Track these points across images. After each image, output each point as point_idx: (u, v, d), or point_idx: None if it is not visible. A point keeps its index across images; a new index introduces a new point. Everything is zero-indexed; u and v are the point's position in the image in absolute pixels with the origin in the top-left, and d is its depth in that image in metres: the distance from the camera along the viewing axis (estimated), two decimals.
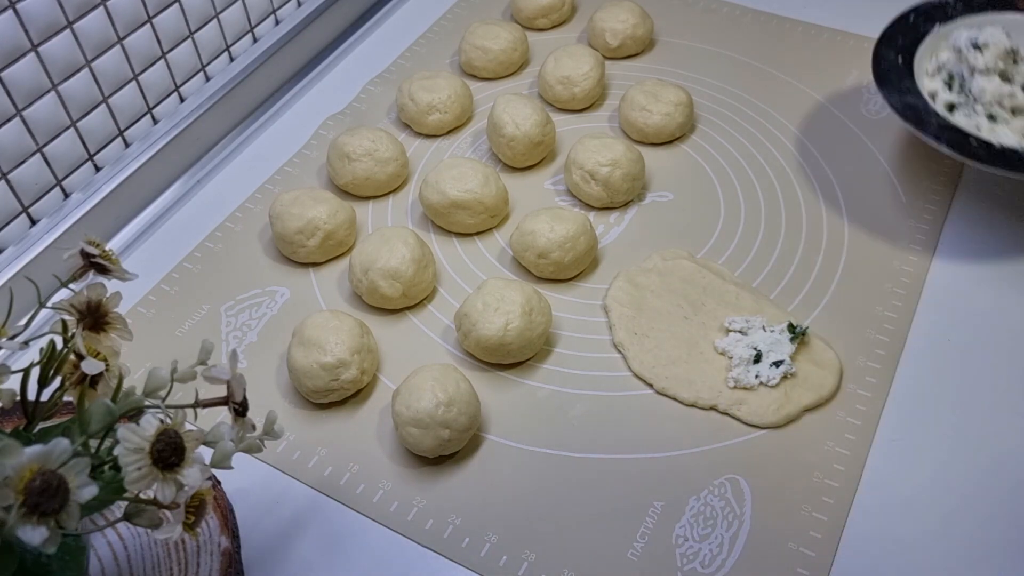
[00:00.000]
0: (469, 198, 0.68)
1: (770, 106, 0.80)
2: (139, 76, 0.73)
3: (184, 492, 0.35)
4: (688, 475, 0.55)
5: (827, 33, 0.88)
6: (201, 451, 0.36)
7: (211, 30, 0.79)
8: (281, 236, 0.67)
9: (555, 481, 0.55)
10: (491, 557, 0.52)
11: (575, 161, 0.71)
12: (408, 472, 0.56)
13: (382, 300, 0.64)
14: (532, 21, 0.90)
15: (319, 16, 0.87)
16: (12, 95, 0.63)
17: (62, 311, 0.38)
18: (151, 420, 0.34)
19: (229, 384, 0.40)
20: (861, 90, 0.81)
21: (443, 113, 0.78)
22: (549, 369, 0.61)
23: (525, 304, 0.59)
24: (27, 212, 0.68)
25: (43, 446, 0.30)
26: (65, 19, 0.65)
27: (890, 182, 0.72)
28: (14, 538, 0.30)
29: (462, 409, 0.54)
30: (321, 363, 0.57)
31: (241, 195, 0.75)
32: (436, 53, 0.89)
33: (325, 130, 0.80)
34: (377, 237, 0.64)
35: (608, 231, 0.70)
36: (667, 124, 0.75)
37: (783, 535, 0.51)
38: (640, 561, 0.51)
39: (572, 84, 0.79)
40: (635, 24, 0.85)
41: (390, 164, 0.73)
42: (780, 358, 0.59)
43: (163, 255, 0.70)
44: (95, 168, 0.73)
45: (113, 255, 0.41)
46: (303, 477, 0.56)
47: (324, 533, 0.53)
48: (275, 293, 0.67)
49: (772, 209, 0.71)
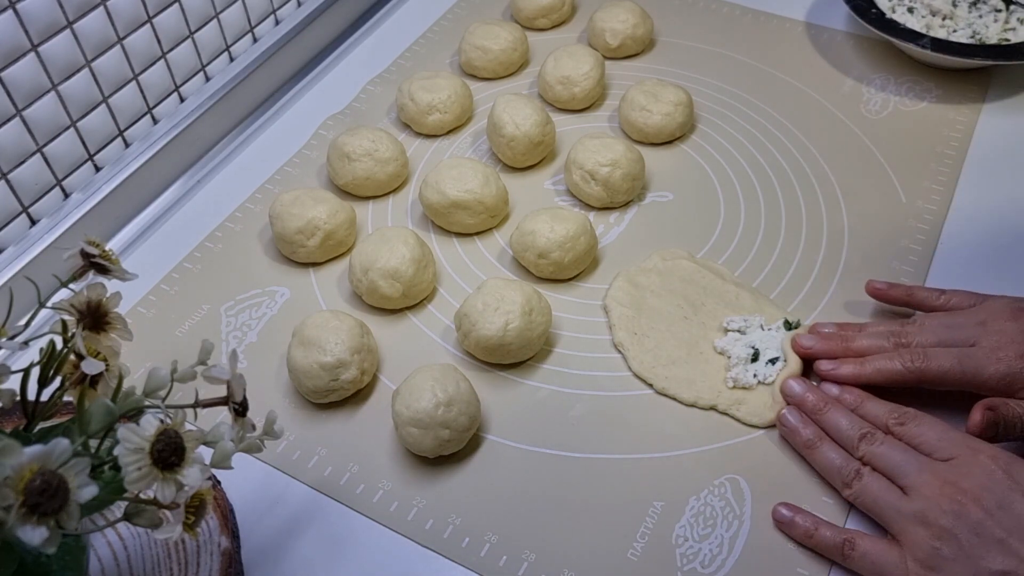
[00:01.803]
0: (469, 198, 0.68)
1: (770, 106, 0.80)
2: (139, 76, 0.73)
3: (184, 492, 0.35)
4: (688, 475, 0.55)
5: (827, 33, 0.88)
6: (201, 451, 0.36)
7: (211, 30, 0.79)
8: (281, 236, 0.67)
9: (555, 481, 0.55)
10: (491, 557, 0.52)
11: (575, 161, 0.71)
12: (408, 472, 0.56)
13: (382, 300, 0.64)
14: (532, 21, 0.90)
15: (319, 16, 0.87)
16: (12, 95, 0.63)
17: (62, 311, 0.38)
18: (151, 420, 0.34)
19: (229, 384, 0.40)
20: (861, 90, 0.81)
21: (443, 113, 0.78)
22: (549, 369, 0.61)
23: (525, 304, 0.59)
24: (27, 212, 0.68)
25: (43, 446, 0.30)
26: (65, 19, 0.65)
27: (890, 182, 0.72)
28: (14, 538, 0.30)
29: (462, 409, 0.54)
30: (321, 363, 0.57)
31: (241, 195, 0.75)
32: (436, 53, 0.89)
33: (325, 130, 0.80)
34: (377, 237, 0.64)
35: (608, 231, 0.70)
36: (667, 124, 0.75)
37: (783, 535, 0.51)
38: (640, 561, 0.51)
39: (572, 84, 0.79)
40: (635, 24, 0.85)
41: (390, 164, 0.73)
42: (776, 355, 0.59)
43: (163, 255, 0.70)
44: (95, 168, 0.73)
45: (113, 255, 0.41)
46: (303, 477, 0.56)
47: (324, 533, 0.53)
48: (275, 293, 0.67)
49: (772, 209, 0.71)
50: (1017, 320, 0.54)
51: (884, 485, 0.49)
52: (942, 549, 0.45)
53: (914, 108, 0.79)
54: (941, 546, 0.45)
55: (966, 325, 0.55)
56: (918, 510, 0.47)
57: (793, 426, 0.54)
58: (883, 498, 0.49)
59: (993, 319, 0.55)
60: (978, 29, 0.80)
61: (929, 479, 0.47)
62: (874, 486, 0.50)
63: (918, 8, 0.82)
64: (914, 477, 0.48)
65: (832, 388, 0.56)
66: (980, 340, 0.54)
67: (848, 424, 0.53)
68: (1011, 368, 0.52)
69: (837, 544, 0.49)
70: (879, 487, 0.49)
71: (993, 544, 0.44)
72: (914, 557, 0.46)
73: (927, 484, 0.47)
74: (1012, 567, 0.43)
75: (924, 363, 0.54)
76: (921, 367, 0.54)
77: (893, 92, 0.80)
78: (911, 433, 0.51)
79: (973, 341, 0.54)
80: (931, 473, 0.48)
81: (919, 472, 0.48)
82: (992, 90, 0.79)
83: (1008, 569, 0.43)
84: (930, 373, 0.54)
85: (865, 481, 0.50)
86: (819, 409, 0.54)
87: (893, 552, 0.47)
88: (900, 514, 0.48)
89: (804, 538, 0.50)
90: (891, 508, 0.48)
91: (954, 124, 0.77)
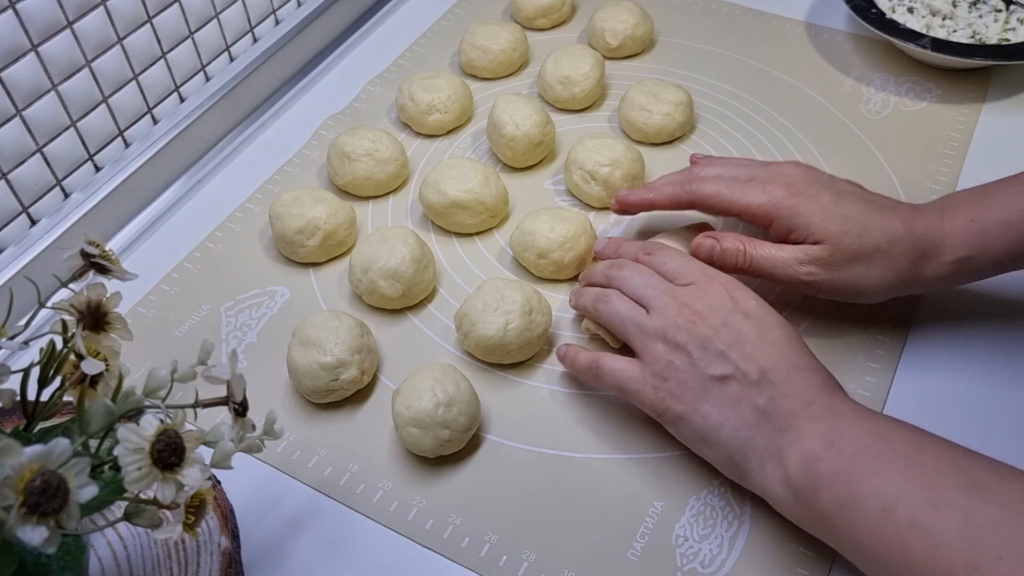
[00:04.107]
0: (469, 198, 0.68)
1: (770, 106, 0.80)
2: (139, 76, 0.73)
3: (184, 492, 0.35)
4: (688, 475, 0.55)
5: (827, 33, 0.88)
6: (201, 451, 0.36)
7: (211, 30, 0.79)
8: (281, 236, 0.67)
9: (555, 481, 0.55)
10: (491, 557, 0.52)
11: (575, 161, 0.71)
12: (408, 472, 0.56)
13: (382, 300, 0.64)
14: (532, 21, 0.90)
15: (319, 16, 0.87)
16: (12, 95, 0.63)
17: (62, 311, 0.38)
18: (151, 420, 0.34)
19: (229, 384, 0.40)
20: (861, 90, 0.81)
21: (443, 113, 0.78)
22: (549, 369, 0.61)
23: (525, 304, 0.59)
24: (27, 212, 0.68)
25: (43, 446, 0.30)
26: (65, 19, 0.65)
27: (890, 182, 0.72)
28: (14, 538, 0.30)
29: (462, 409, 0.54)
30: (321, 363, 0.57)
31: (241, 195, 0.75)
32: (436, 53, 0.89)
33: (325, 130, 0.80)
34: (377, 237, 0.64)
35: (608, 231, 0.70)
36: (667, 124, 0.75)
37: (783, 535, 0.51)
38: (640, 561, 0.51)
39: (572, 84, 0.79)
40: (635, 24, 0.85)
41: (390, 164, 0.73)
42: None
43: (163, 255, 0.70)
44: (95, 168, 0.73)
45: (113, 255, 0.41)
46: (303, 477, 0.56)
47: (324, 533, 0.53)
48: (275, 293, 0.67)
49: None
50: (795, 167, 0.59)
51: (629, 305, 0.55)
52: (675, 361, 0.51)
53: (914, 108, 0.79)
54: (674, 358, 0.51)
55: (751, 165, 0.60)
56: (658, 327, 0.52)
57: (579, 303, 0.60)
58: (628, 315, 0.54)
59: (777, 164, 0.60)
60: (978, 29, 0.80)
61: (669, 301, 0.53)
62: (620, 306, 0.55)
63: (918, 8, 0.82)
64: (657, 299, 0.53)
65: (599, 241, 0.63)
66: (758, 175, 0.59)
67: (603, 265, 0.59)
68: (771, 197, 0.57)
69: (589, 365, 0.55)
70: (625, 307, 0.55)
71: (716, 356, 0.50)
72: (652, 371, 0.52)
73: (667, 306, 0.53)
74: (729, 372, 0.49)
75: (699, 186, 0.60)
76: (694, 189, 0.60)
77: (893, 92, 0.80)
78: (656, 262, 0.56)
79: (751, 176, 0.59)
80: (671, 296, 0.53)
81: (661, 295, 0.53)
82: (992, 90, 0.79)
83: (726, 374, 0.49)
84: (701, 194, 0.59)
85: (612, 302, 0.55)
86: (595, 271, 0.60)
87: (634, 367, 0.53)
88: (643, 331, 0.53)
89: (569, 365, 0.57)
90: (635, 325, 0.54)
91: (954, 124, 0.77)
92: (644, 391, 0.52)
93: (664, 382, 0.51)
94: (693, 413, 0.50)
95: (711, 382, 0.50)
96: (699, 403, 0.50)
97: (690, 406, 0.50)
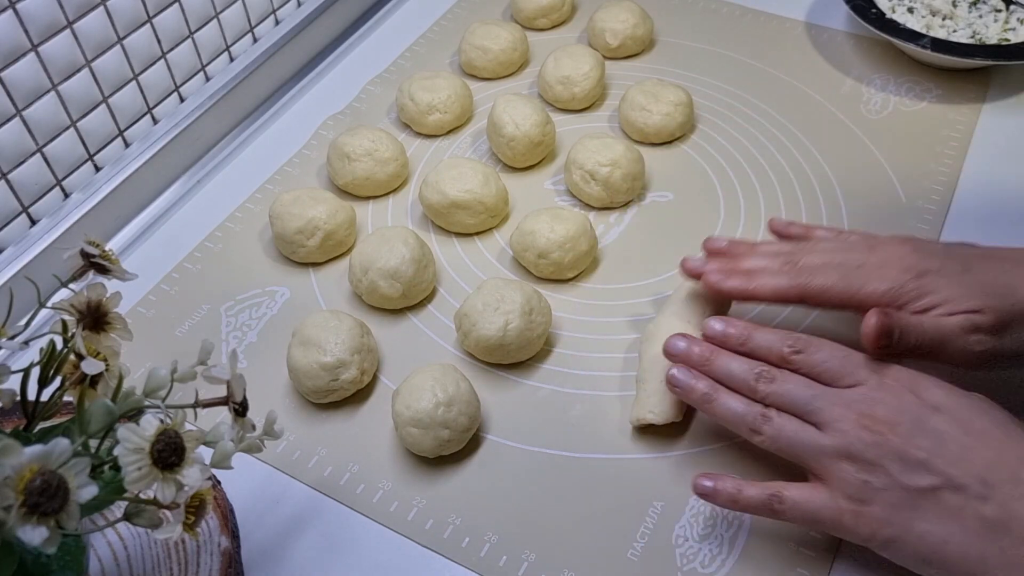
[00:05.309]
0: (469, 198, 0.68)
1: (770, 106, 0.80)
2: (139, 76, 0.73)
3: (184, 492, 0.35)
4: (688, 475, 0.54)
5: (827, 33, 0.88)
6: (201, 451, 0.36)
7: (211, 30, 0.79)
8: (281, 236, 0.67)
9: (555, 481, 0.55)
10: (491, 557, 0.52)
11: (575, 161, 0.71)
12: (408, 472, 0.56)
13: (382, 300, 0.64)
14: (532, 21, 0.90)
15: (319, 16, 0.87)
16: (12, 95, 0.64)
17: (62, 311, 0.38)
18: (151, 420, 0.34)
19: (229, 384, 0.40)
20: (861, 90, 0.81)
21: (443, 113, 0.78)
22: (549, 369, 0.61)
23: (525, 304, 0.59)
24: (27, 212, 0.68)
25: (43, 446, 0.30)
26: (65, 19, 0.65)
27: (890, 182, 0.72)
28: (14, 538, 0.30)
29: (462, 409, 0.54)
30: (321, 363, 0.57)
31: (241, 195, 0.75)
32: (436, 53, 0.89)
33: (325, 130, 0.80)
34: (377, 237, 0.64)
35: (608, 231, 0.70)
36: (667, 124, 0.75)
37: (783, 535, 0.51)
38: (640, 561, 0.51)
39: (572, 84, 0.79)
40: (635, 24, 0.85)
41: (390, 164, 0.73)
42: None
43: (163, 255, 0.70)
44: (95, 168, 0.73)
45: (113, 255, 0.41)
46: (303, 477, 0.56)
47: (324, 533, 0.53)
48: (275, 293, 0.67)
49: (772, 209, 0.71)
50: (904, 244, 0.53)
51: (796, 425, 0.48)
52: (871, 481, 0.45)
53: (914, 108, 0.79)
54: (870, 479, 0.45)
55: (855, 248, 0.54)
56: (839, 446, 0.46)
57: (684, 383, 0.52)
58: (799, 439, 0.47)
59: (882, 244, 0.54)
60: (978, 29, 0.80)
61: (843, 412, 0.46)
62: (787, 428, 0.48)
63: (918, 8, 0.82)
64: (827, 412, 0.47)
65: (716, 324, 0.53)
66: (867, 260, 0.53)
67: (740, 366, 0.50)
68: (894, 283, 0.51)
69: (764, 501, 0.47)
70: (792, 428, 0.48)
71: (917, 466, 0.44)
72: (844, 494, 0.45)
73: (842, 418, 0.46)
74: (938, 483, 0.44)
75: (808, 278, 0.53)
76: (805, 282, 0.52)
77: (893, 92, 0.80)
78: (810, 362, 0.49)
79: (860, 263, 0.53)
80: (843, 406, 0.47)
81: (831, 406, 0.47)
82: (992, 90, 0.79)
83: (935, 485, 0.44)
84: (813, 288, 0.52)
85: (776, 424, 0.48)
86: (707, 359, 0.52)
87: (821, 494, 0.46)
88: (822, 453, 0.46)
89: (731, 503, 0.49)
90: (810, 448, 0.47)
91: (954, 124, 0.77)
92: (842, 519, 0.46)
93: (863, 505, 0.45)
94: (907, 534, 0.44)
95: (920, 497, 0.44)
96: (913, 522, 0.44)
97: (902, 527, 0.44)
